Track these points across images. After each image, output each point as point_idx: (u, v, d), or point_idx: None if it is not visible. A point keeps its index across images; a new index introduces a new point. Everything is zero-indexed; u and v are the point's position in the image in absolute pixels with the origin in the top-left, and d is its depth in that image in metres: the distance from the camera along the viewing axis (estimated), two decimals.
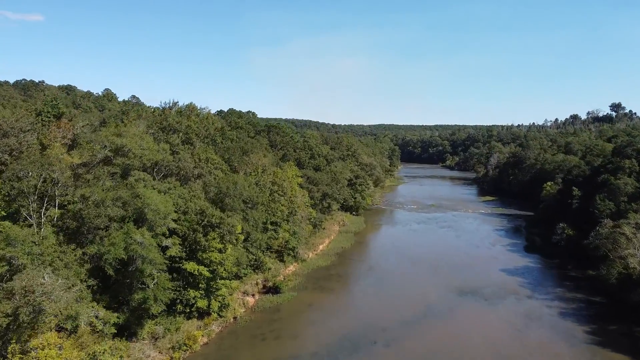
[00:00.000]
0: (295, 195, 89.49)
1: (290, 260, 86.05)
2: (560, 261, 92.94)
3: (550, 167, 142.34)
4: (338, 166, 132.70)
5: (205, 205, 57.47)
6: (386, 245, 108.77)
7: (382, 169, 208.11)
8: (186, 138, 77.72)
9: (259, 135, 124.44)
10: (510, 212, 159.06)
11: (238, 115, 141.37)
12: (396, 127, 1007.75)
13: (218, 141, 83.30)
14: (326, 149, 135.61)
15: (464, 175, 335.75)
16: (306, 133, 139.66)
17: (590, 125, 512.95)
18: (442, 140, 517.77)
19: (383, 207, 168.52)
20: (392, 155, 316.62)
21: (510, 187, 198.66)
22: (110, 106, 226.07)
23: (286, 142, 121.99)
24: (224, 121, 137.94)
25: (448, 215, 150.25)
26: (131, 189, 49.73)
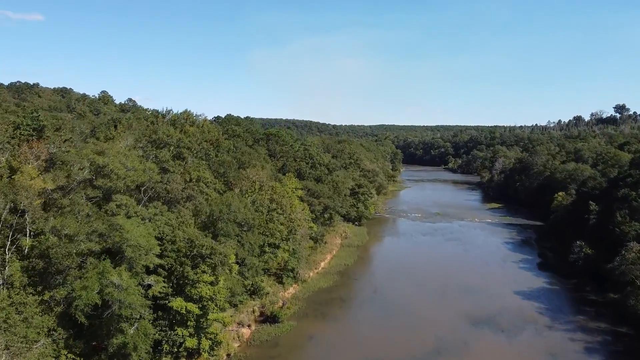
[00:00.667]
0: (295, 211, 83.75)
1: (289, 281, 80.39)
2: (577, 282, 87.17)
3: (561, 176, 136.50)
4: (340, 176, 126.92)
5: (195, 233, 51.72)
6: (391, 262, 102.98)
7: (384, 175, 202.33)
8: (177, 152, 71.95)
9: (257, 144, 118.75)
10: (518, 221, 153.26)
11: (236, 122, 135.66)
12: (397, 128, 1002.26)
13: (212, 155, 77.30)
14: (327, 157, 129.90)
15: (467, 178, 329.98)
16: (306, 140, 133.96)
17: (595, 127, 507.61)
18: (444, 142, 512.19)
19: (386, 216, 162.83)
20: (394, 159, 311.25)
21: (516, 194, 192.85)
22: (106, 110, 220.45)
23: (285, 151, 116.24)
24: (220, 128, 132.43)
25: (454, 226, 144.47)
26: (109, 220, 43.95)
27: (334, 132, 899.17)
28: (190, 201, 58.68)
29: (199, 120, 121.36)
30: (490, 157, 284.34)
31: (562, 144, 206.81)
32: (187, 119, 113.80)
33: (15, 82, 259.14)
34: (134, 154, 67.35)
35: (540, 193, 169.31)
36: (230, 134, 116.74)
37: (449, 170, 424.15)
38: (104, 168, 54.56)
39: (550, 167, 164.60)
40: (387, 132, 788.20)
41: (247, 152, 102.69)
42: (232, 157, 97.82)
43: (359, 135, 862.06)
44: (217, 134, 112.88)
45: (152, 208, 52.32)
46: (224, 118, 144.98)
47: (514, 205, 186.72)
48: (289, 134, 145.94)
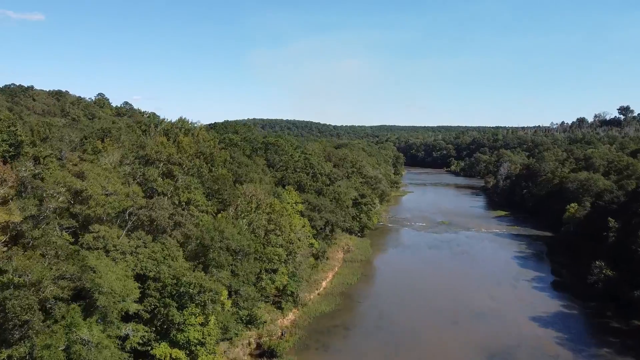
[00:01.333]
0: (295, 230, 78.12)
1: (289, 306, 74.79)
2: (597, 306, 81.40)
3: (572, 185, 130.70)
4: (342, 186, 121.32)
5: (182, 268, 46.11)
6: (396, 281, 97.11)
7: (387, 182, 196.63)
8: (167, 170, 66.31)
9: (255, 153, 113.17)
10: (527, 231, 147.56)
11: (233, 129, 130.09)
12: (398, 129, 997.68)
13: (205, 173, 71.54)
14: (329, 166, 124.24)
15: (471, 182, 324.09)
16: (306, 148, 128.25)
17: (598, 129, 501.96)
18: (447, 144, 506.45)
19: (390, 226, 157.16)
20: (396, 163, 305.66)
21: (523, 201, 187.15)
22: (102, 114, 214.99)
23: (285, 161, 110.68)
24: (217, 135, 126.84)
25: (461, 237, 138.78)
26: (81, 260, 38.29)
27: (334, 132, 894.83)
28: (178, 228, 53.01)
29: (194, 128, 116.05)
30: (495, 161, 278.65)
31: (570, 150, 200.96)
32: (181, 128, 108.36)
33: (10, 85, 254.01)
34: (118, 174, 61.82)
35: (548, 201, 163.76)
36: (227, 143, 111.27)
37: (451, 173, 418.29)
38: (82, 193, 49.05)
39: (560, 175, 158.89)
40: (389, 134, 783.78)
41: (244, 164, 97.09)
42: (228, 170, 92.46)
43: (359, 136, 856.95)
44: (214, 144, 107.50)
45: (133, 240, 46.66)
46: (221, 124, 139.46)
47: (521, 213, 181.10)
48: (288, 142, 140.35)
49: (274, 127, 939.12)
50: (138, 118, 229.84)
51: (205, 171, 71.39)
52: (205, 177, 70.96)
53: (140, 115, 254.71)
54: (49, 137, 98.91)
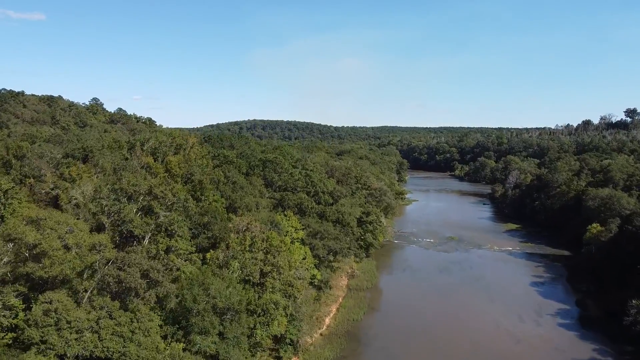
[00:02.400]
0: (294, 266, 69.35)
1: (288, 355, 66.01)
2: (634, 351, 72.51)
3: (594, 203, 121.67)
4: (346, 205, 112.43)
5: (155, 344, 37.33)
6: (406, 317, 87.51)
7: (392, 193, 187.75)
8: (147, 205, 57.45)
9: (252, 171, 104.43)
10: (542, 249, 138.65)
11: (229, 142, 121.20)
12: (400, 130, 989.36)
13: (191, 207, 62.64)
14: (332, 183, 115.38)
15: (476, 188, 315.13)
16: (307, 163, 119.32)
17: (605, 132, 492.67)
18: (450, 147, 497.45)
19: (395, 242, 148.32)
20: (400, 169, 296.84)
21: (534, 213, 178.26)
22: (94, 121, 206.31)
23: (284, 180, 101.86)
24: (211, 150, 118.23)
25: (472, 257, 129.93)
26: None
27: (335, 134, 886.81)
28: (155, 288, 44.27)
29: (186, 144, 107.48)
30: (502, 168, 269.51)
31: (583, 159, 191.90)
32: (171, 145, 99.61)
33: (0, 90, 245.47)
34: (88, 212, 53.06)
35: (563, 216, 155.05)
36: (221, 161, 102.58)
37: (455, 178, 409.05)
38: (36, 248, 40.35)
39: (575, 188, 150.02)
40: (391, 136, 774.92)
41: (239, 186, 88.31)
42: (222, 194, 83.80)
43: (360, 137, 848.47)
44: (206, 162, 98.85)
45: (94, 311, 37.87)
46: (216, 137, 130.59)
47: (533, 226, 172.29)
48: (288, 155, 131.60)
49: (275, 129, 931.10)
50: (132, 125, 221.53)
51: (191, 205, 62.42)
52: (192, 212, 62.06)
53: (135, 121, 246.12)
54: (27, 156, 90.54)
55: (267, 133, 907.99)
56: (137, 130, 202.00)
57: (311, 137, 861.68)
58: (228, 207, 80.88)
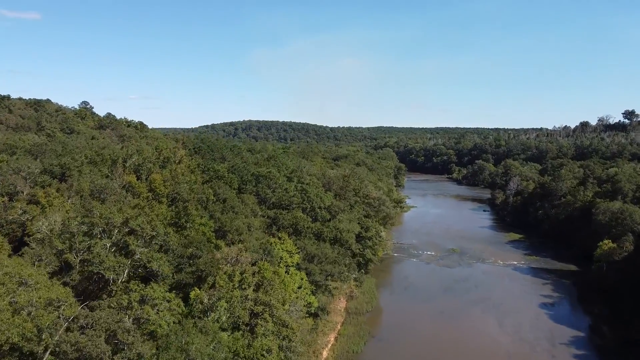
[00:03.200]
0: (290, 300, 62.94)
1: None
2: None
3: (604, 218, 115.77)
4: (344, 221, 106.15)
5: None
6: (411, 345, 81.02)
7: (391, 202, 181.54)
8: (122, 242, 50.81)
9: (245, 186, 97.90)
10: (548, 263, 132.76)
11: (220, 154, 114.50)
12: (396, 130, 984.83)
13: (172, 243, 55.97)
14: (329, 197, 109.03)
15: (475, 193, 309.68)
16: (303, 176, 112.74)
17: (603, 134, 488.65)
18: (447, 149, 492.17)
19: (395, 255, 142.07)
20: (398, 174, 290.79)
21: (537, 222, 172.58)
22: (81, 127, 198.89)
23: (279, 196, 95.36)
24: (201, 162, 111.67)
25: (477, 273, 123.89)
26: None
27: (331, 135, 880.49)
28: (121, 352, 37.71)
29: (174, 157, 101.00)
30: (502, 173, 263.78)
31: (587, 165, 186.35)
32: (157, 159, 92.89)
33: None
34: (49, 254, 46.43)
35: (569, 227, 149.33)
36: (211, 176, 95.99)
37: (452, 181, 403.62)
38: None
39: (582, 199, 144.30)
40: (387, 137, 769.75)
41: (230, 206, 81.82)
42: (210, 216, 77.37)
43: (357, 138, 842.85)
44: (195, 178, 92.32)
45: None
46: (207, 147, 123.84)
47: (537, 236, 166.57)
48: (283, 165, 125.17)
49: (270, 129, 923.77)
50: (122, 130, 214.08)
51: (173, 240, 55.64)
52: (174, 247, 55.38)
53: (126, 126, 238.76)
54: (2, 171, 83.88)
55: (263, 134, 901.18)
56: (127, 136, 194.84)
57: (307, 138, 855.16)
58: (217, 230, 74.42)
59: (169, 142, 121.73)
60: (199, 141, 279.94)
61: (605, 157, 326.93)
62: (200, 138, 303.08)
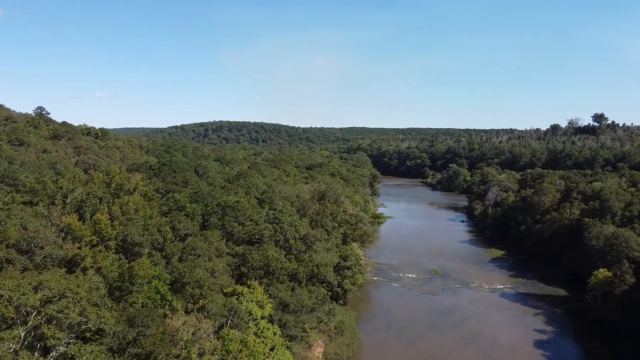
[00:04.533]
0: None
1: None
2: None
3: (597, 243, 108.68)
4: (320, 251, 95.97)
5: None
6: None
7: (368, 217, 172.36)
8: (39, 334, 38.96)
9: (211, 217, 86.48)
10: (536, 287, 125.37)
11: (183, 178, 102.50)
12: (368, 131, 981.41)
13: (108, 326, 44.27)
14: (304, 225, 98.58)
15: (450, 199, 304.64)
16: (276, 202, 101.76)
17: (573, 137, 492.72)
18: (421, 152, 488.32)
19: (375, 279, 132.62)
20: (373, 181, 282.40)
21: (520, 238, 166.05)
22: (32, 138, 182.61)
23: (248, 231, 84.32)
24: (161, 185, 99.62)
25: (462, 301, 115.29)
26: None
27: (303, 136, 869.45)
28: None
29: (128, 185, 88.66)
30: (479, 181, 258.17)
31: (569, 178, 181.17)
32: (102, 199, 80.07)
33: None
34: None
35: (554, 245, 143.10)
36: (171, 207, 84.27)
37: (427, 186, 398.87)
38: None
39: (569, 217, 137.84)
40: (359, 138, 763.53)
41: (189, 249, 70.52)
42: (166, 261, 65.95)
43: (329, 140, 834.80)
44: (152, 212, 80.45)
45: None
46: (168, 168, 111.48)
47: (519, 253, 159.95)
48: (253, 187, 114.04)
49: (241, 130, 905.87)
50: (78, 141, 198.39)
51: (110, 320, 43.98)
52: (112, 328, 43.82)
53: (86, 133, 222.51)
54: None
55: (234, 135, 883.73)
56: (83, 147, 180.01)
57: (279, 139, 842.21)
58: (174, 282, 63.10)
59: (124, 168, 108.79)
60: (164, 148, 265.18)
61: (578, 164, 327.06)
62: (167, 145, 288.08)
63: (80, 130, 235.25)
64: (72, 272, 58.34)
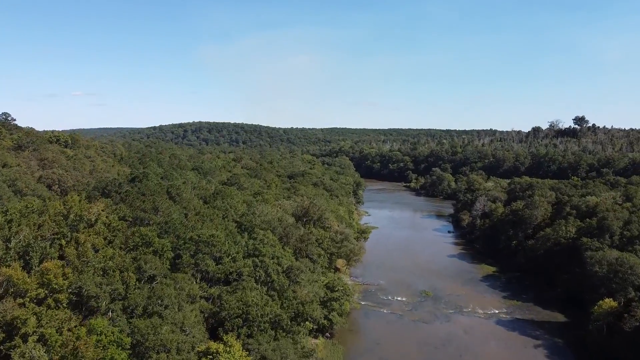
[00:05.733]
0: None
1: None
2: None
3: (601, 270, 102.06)
4: (305, 284, 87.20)
5: None
6: None
7: (354, 232, 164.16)
8: None
9: (181, 254, 76.92)
10: (532, 312, 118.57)
11: (152, 204, 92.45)
12: (349, 132, 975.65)
13: None
14: (288, 256, 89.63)
15: (435, 206, 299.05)
16: (257, 232, 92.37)
17: (555, 140, 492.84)
18: (403, 155, 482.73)
19: (363, 304, 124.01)
20: (357, 189, 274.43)
21: (511, 254, 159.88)
22: None
23: (224, 270, 75.03)
24: (127, 211, 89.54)
25: (457, 331, 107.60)
26: None
27: (284, 137, 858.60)
28: None
29: (90, 213, 78.78)
30: (465, 189, 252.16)
31: (560, 189, 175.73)
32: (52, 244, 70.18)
33: None
34: None
35: (549, 262, 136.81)
36: (137, 243, 74.57)
37: (410, 190, 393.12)
38: None
39: (565, 236, 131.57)
40: (341, 140, 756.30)
41: (155, 298, 61.09)
42: (128, 315, 56.45)
43: (311, 141, 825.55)
44: (114, 252, 70.76)
45: None
46: (138, 190, 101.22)
47: (511, 269, 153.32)
48: (232, 210, 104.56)
49: (221, 131, 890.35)
50: (44, 152, 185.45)
51: None
52: None
53: (49, 144, 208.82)
54: None
55: (214, 136, 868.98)
56: (49, 160, 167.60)
57: (259, 140, 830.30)
58: (135, 345, 53.62)
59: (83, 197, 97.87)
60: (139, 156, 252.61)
61: (562, 169, 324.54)
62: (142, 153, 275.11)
63: (48, 137, 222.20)
64: (10, 340, 48.77)
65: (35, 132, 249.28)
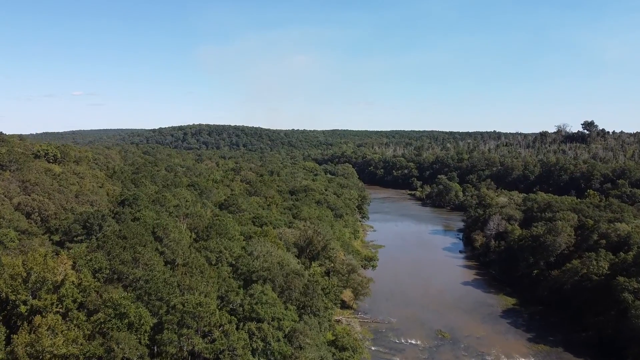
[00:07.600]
0: None
1: None
2: None
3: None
4: (310, 349, 74.65)
5: None
6: None
7: (360, 259, 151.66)
8: None
9: (163, 327, 64.36)
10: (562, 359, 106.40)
11: (132, 254, 79.83)
12: (351, 134, 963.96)
13: None
14: (290, 316, 77.02)
15: (443, 218, 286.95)
16: (255, 289, 79.60)
17: (563, 145, 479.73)
18: (408, 161, 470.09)
19: (373, 350, 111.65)
20: (362, 204, 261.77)
21: (531, 282, 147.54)
22: None
23: (214, 349, 62.41)
24: (105, 263, 77.12)
25: None
26: None
27: (285, 140, 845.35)
28: None
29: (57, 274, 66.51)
30: (476, 204, 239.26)
31: (582, 211, 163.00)
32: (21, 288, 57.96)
33: None
34: None
35: (578, 299, 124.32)
36: (110, 314, 62.02)
37: (415, 200, 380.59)
38: None
39: (596, 272, 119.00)
40: (343, 144, 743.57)
41: None
42: None
43: (312, 144, 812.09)
44: (77, 334, 58.34)
45: None
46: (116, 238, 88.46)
47: (533, 302, 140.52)
48: (227, 252, 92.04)
49: (222, 134, 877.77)
50: (28, 173, 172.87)
51: None
52: None
53: (35, 160, 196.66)
54: None
55: (214, 139, 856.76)
56: (32, 183, 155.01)
57: (260, 143, 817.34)
58: None
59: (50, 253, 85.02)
60: (133, 169, 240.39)
61: (574, 179, 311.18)
62: (136, 166, 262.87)
63: (36, 151, 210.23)
64: None
65: (24, 143, 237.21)
